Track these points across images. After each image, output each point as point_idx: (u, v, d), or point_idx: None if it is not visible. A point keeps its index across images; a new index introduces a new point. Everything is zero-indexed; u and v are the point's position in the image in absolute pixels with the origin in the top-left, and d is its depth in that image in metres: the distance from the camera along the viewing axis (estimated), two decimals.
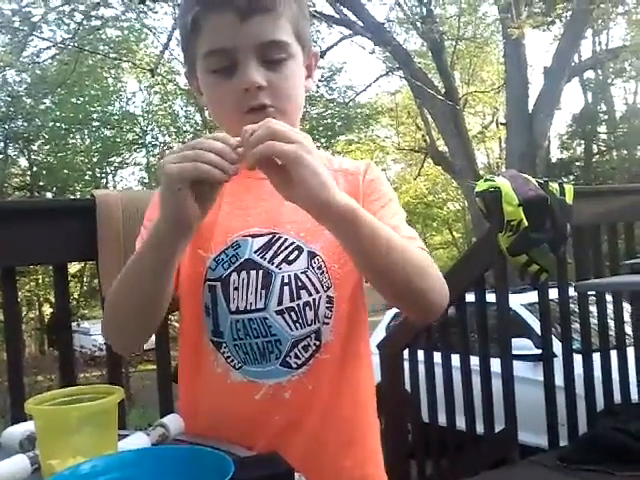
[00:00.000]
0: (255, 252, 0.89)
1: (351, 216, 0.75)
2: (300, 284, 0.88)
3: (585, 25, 10.35)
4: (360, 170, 0.96)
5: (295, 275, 0.88)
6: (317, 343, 0.89)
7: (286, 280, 0.88)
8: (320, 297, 0.89)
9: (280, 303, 0.87)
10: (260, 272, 0.88)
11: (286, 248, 0.89)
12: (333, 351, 0.89)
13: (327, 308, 0.89)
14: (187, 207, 0.72)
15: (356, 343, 0.94)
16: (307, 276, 0.88)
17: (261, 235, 0.90)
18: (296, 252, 0.89)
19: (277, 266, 0.88)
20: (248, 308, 0.87)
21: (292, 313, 0.87)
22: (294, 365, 0.88)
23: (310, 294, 0.88)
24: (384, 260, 0.79)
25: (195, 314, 0.90)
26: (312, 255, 0.89)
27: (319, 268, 0.89)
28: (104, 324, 0.89)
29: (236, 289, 0.88)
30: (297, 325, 0.87)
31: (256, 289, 0.88)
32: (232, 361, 0.89)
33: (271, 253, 0.89)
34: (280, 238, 0.90)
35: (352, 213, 0.75)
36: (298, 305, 0.87)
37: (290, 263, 0.88)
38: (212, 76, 0.88)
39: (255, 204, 0.92)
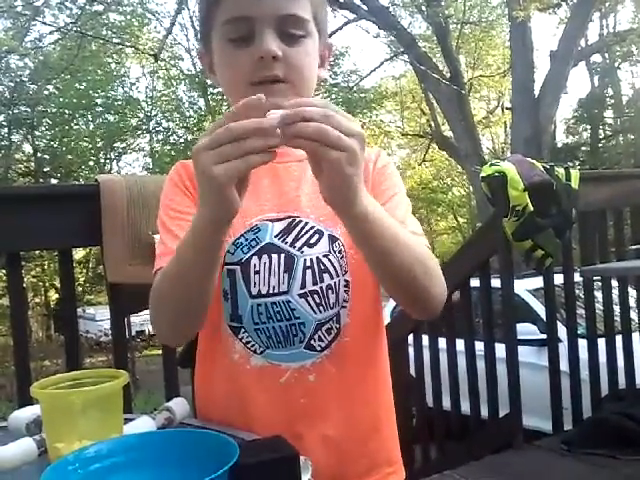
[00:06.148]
0: (275, 236, 0.88)
1: (371, 217, 0.74)
2: (323, 267, 0.87)
3: (592, 8, 10.20)
4: (371, 157, 0.95)
5: (317, 258, 0.87)
6: (337, 326, 0.89)
7: (308, 264, 0.87)
8: (339, 280, 0.88)
9: (303, 286, 0.87)
10: (282, 256, 0.87)
11: (307, 232, 0.89)
12: (352, 334, 0.89)
13: (345, 292, 0.89)
14: (233, 201, 0.70)
15: (374, 327, 0.95)
16: (329, 259, 0.88)
17: (280, 219, 0.90)
18: (317, 236, 0.89)
19: (299, 249, 0.88)
20: (270, 292, 0.86)
21: (315, 296, 0.87)
22: (318, 348, 0.88)
23: (332, 277, 0.88)
24: (396, 260, 0.78)
25: (213, 300, 0.89)
26: (333, 239, 0.89)
27: (339, 252, 0.89)
28: (155, 321, 0.86)
29: (257, 273, 0.87)
30: (320, 308, 0.87)
31: (278, 272, 0.87)
32: (253, 346, 0.88)
33: (292, 237, 0.88)
34: (300, 222, 0.89)
35: (372, 214, 0.74)
36: (321, 288, 0.87)
37: (311, 246, 0.88)
38: (229, 44, 0.88)
39: (270, 188, 0.91)
